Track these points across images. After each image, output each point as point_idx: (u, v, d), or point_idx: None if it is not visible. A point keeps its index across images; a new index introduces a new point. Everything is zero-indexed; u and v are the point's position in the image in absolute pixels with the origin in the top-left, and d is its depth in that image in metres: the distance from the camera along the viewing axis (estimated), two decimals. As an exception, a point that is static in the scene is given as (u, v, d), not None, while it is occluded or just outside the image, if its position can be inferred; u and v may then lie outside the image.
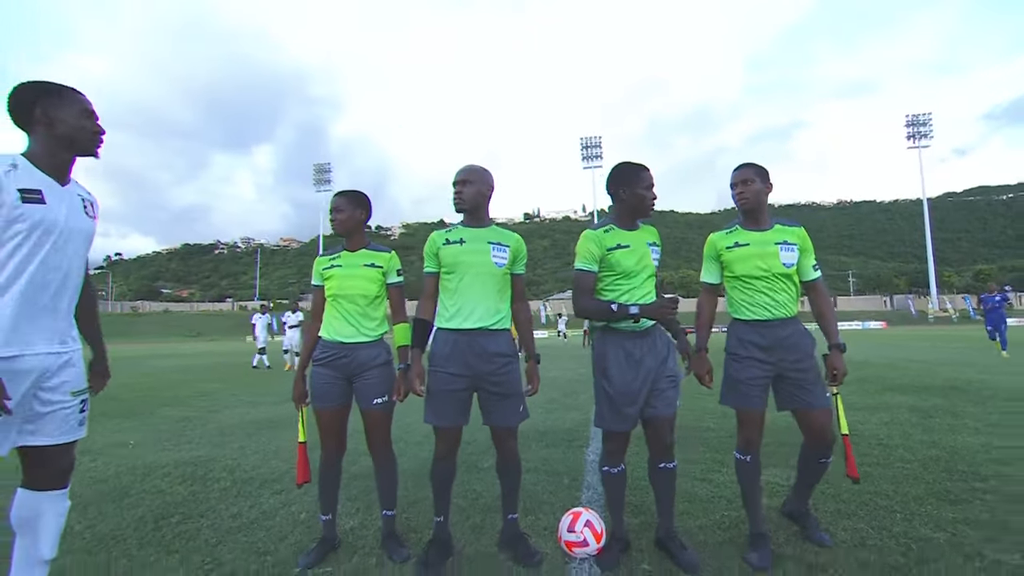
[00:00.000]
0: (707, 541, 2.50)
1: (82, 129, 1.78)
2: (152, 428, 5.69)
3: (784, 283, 2.42)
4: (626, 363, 2.32)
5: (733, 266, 2.47)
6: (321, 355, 2.45)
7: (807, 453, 2.49)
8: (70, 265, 1.77)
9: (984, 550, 2.31)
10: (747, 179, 2.46)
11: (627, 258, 2.34)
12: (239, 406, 7.29)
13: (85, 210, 1.84)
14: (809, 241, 2.50)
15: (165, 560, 2.43)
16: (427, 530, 2.61)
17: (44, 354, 1.71)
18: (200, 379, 11.17)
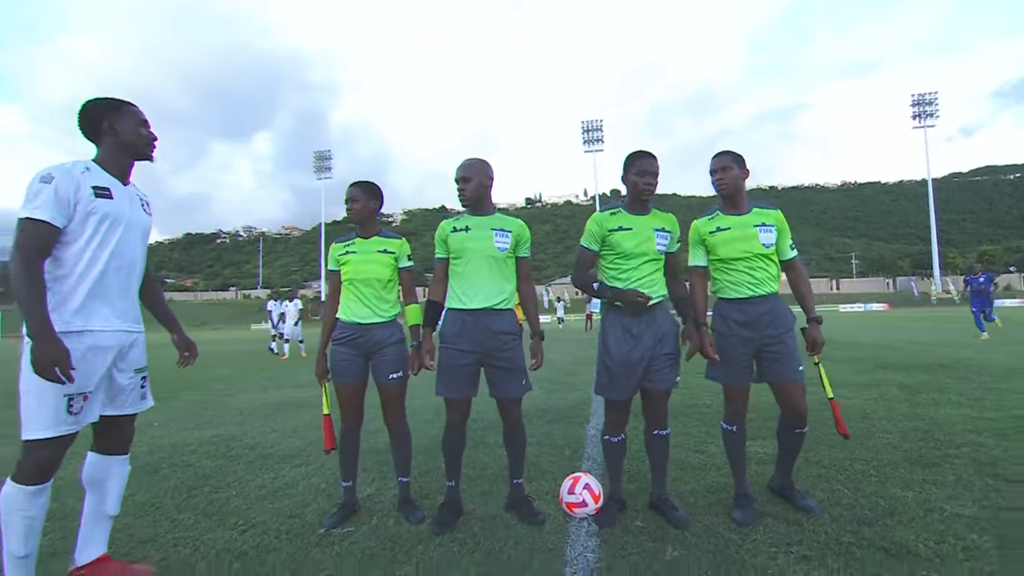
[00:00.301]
0: (697, 503, 2.73)
1: (140, 136, 2.04)
2: (173, 410, 5.96)
3: (763, 262, 2.58)
4: (624, 338, 2.52)
5: (717, 249, 2.63)
6: (340, 335, 2.67)
7: (784, 425, 2.68)
8: (135, 253, 2.02)
9: (945, 505, 2.54)
10: (725, 166, 2.61)
11: (626, 240, 2.52)
12: (253, 390, 7.59)
13: (143, 207, 2.09)
14: (786, 223, 2.66)
15: (203, 522, 2.68)
16: (439, 496, 2.84)
17: (122, 331, 1.96)
18: (212, 365, 11.48)
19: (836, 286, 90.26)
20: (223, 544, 2.40)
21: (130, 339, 2.02)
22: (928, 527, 2.33)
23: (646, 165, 2.55)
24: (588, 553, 2.22)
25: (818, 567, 2.04)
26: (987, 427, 3.99)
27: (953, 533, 2.26)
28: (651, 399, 2.61)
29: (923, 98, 69.07)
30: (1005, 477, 2.90)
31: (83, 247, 1.86)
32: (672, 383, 2.60)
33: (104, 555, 2.08)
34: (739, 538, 2.30)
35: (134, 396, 2.06)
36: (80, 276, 1.85)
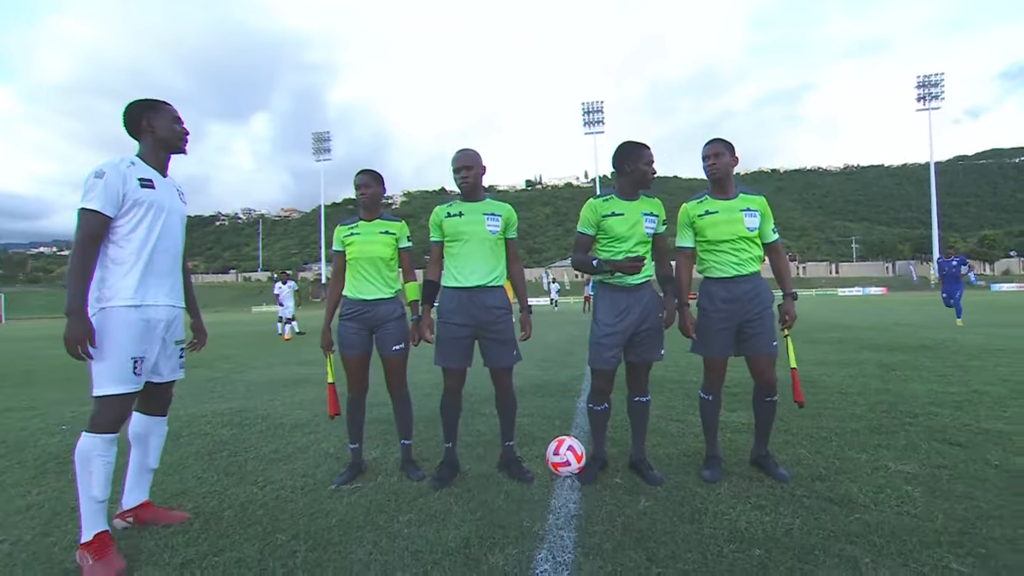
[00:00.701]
0: (672, 464, 3.02)
1: (174, 132, 2.28)
2: (185, 386, 6.25)
3: (748, 245, 2.79)
4: (612, 312, 2.78)
5: (705, 231, 2.80)
6: (347, 311, 2.93)
7: (757, 395, 2.93)
8: (177, 237, 2.29)
9: (891, 464, 2.85)
10: (718, 152, 2.79)
11: (619, 225, 2.75)
12: (260, 368, 7.90)
13: (180, 196, 2.35)
14: (769, 208, 2.86)
15: (225, 480, 2.98)
16: (437, 459, 3.12)
17: (169, 306, 2.24)
18: (218, 346, 11.79)
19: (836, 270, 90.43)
20: (246, 497, 2.70)
21: (175, 313, 2.30)
22: (872, 482, 2.62)
23: (651, 156, 2.78)
24: (570, 504, 2.51)
25: (770, 513, 2.33)
26: (946, 400, 4.29)
27: (891, 486, 2.56)
28: (635, 370, 2.88)
29: (928, 79, 68.27)
30: (949, 441, 3.21)
31: (134, 232, 2.11)
32: (656, 357, 2.85)
33: (146, 501, 2.38)
34: (705, 492, 2.59)
35: (174, 364, 2.35)
36: (136, 257, 2.11)
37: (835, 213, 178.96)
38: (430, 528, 2.29)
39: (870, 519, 2.23)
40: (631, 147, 2.78)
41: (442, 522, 2.35)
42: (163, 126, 2.24)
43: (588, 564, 1.96)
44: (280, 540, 2.21)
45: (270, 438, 3.85)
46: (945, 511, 2.28)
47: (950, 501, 2.38)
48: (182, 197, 2.36)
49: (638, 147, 2.78)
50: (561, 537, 2.18)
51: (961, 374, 5.43)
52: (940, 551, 1.97)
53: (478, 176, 2.87)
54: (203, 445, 3.69)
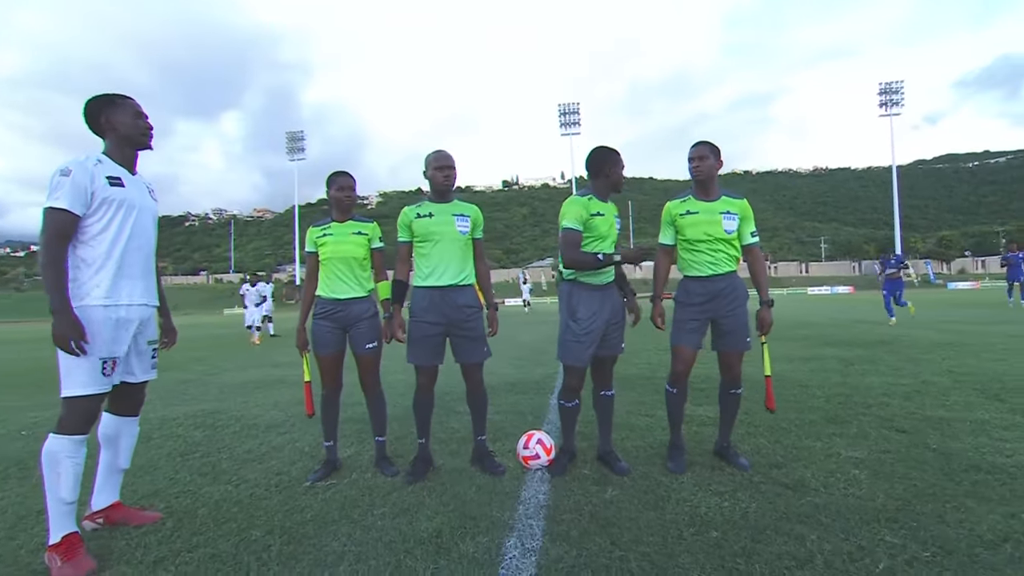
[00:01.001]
0: (639, 456, 3.13)
1: (136, 127, 2.25)
2: (156, 388, 6.15)
3: (724, 246, 2.90)
4: (591, 309, 2.86)
5: (685, 231, 2.91)
6: (321, 310, 2.96)
7: (722, 388, 3.05)
8: (149, 236, 2.28)
9: (842, 451, 3.02)
10: (703, 155, 2.88)
11: (602, 224, 2.84)
12: (233, 370, 7.80)
13: (151, 194, 2.33)
14: (750, 211, 2.97)
15: (199, 480, 2.98)
16: (411, 455, 3.17)
17: (142, 306, 2.24)
18: (190, 348, 11.56)
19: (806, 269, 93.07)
20: (220, 496, 2.71)
21: (149, 313, 2.29)
22: (824, 467, 2.79)
23: (623, 162, 2.88)
24: (540, 495, 2.60)
25: (728, 499, 2.46)
26: (897, 391, 4.54)
27: (841, 471, 2.73)
28: (601, 364, 2.99)
29: (890, 86, 70.68)
30: (896, 428, 3.42)
31: (105, 231, 2.10)
32: (620, 350, 2.98)
33: (117, 502, 2.38)
34: (669, 481, 2.71)
35: (147, 365, 2.35)
36: (106, 257, 2.10)
37: (805, 214, 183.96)
38: (403, 520, 2.35)
39: (819, 501, 2.38)
40: (610, 152, 2.88)
41: (415, 514, 2.41)
42: (124, 122, 2.21)
43: (555, 549, 2.05)
44: (255, 535, 2.24)
45: (244, 438, 3.84)
46: (886, 491, 2.46)
47: (891, 482, 2.56)
48: (153, 195, 2.35)
49: (613, 154, 2.89)
50: (530, 526, 2.26)
51: (913, 367, 5.72)
52: (878, 527, 2.13)
53: (456, 177, 2.96)
54: (175, 446, 3.67)
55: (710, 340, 2.99)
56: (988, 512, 2.23)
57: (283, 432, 3.99)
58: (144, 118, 2.28)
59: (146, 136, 2.28)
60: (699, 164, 2.90)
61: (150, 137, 2.30)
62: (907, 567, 1.85)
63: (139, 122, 2.25)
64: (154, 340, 2.38)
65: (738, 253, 2.96)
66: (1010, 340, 7.76)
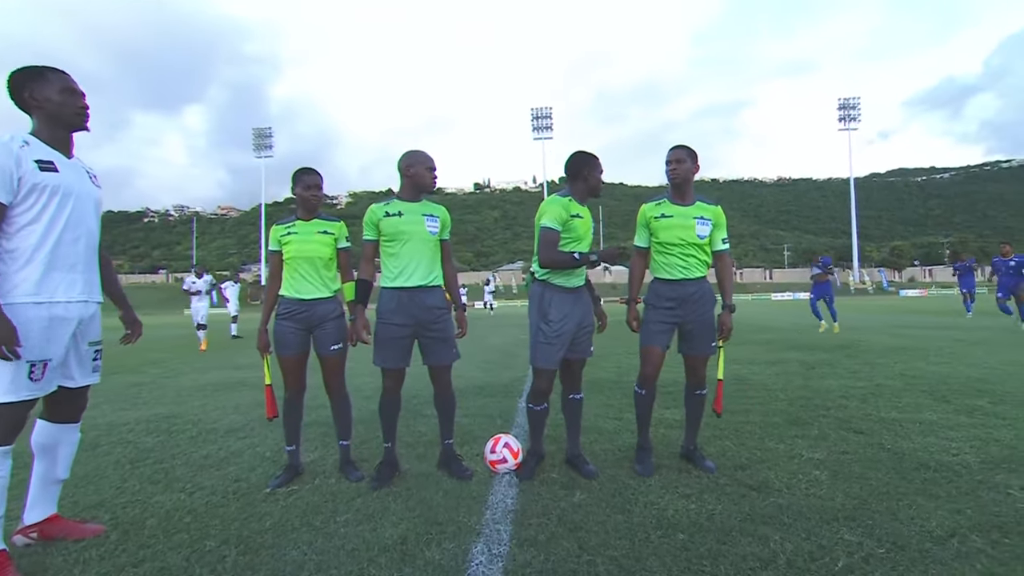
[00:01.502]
0: (607, 459, 3.13)
1: (65, 105, 2.01)
2: (105, 392, 5.85)
3: (695, 251, 2.91)
4: (561, 312, 2.84)
5: (658, 233, 2.91)
6: (284, 310, 2.87)
7: (688, 390, 3.08)
8: (90, 225, 2.08)
9: (804, 452, 3.10)
10: (680, 159, 2.88)
11: (581, 226, 2.84)
12: (192, 372, 7.50)
13: (92, 180, 2.13)
14: (723, 218, 3.00)
15: (149, 488, 2.83)
16: (377, 459, 3.10)
17: (82, 303, 2.05)
18: (145, 349, 11.05)
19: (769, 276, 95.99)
20: (172, 505, 2.58)
21: (90, 311, 2.11)
22: (787, 469, 2.85)
23: (602, 167, 2.89)
24: (508, 499, 2.57)
25: (695, 501, 2.48)
26: (854, 393, 4.71)
27: (803, 472, 2.79)
28: (571, 368, 2.98)
29: (848, 102, 73.75)
30: (853, 429, 3.53)
31: (36, 221, 1.91)
32: (589, 353, 2.98)
33: (54, 514, 2.22)
34: (636, 483, 2.72)
35: (87, 368, 2.16)
36: (36, 249, 1.90)
37: (769, 222, 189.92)
38: (367, 527, 2.29)
39: (783, 502, 2.42)
40: (590, 157, 2.88)
41: (379, 520, 2.35)
42: (50, 99, 1.97)
43: (522, 555, 2.02)
44: (209, 546, 2.14)
45: (201, 444, 3.68)
46: (844, 491, 2.52)
47: (849, 482, 2.63)
48: (94, 180, 2.15)
49: (595, 158, 2.89)
50: (497, 531, 2.23)
51: (869, 370, 5.95)
52: (836, 525, 2.18)
53: None
54: (124, 453, 3.48)
55: (676, 343, 3.02)
56: (936, 508, 2.32)
57: (243, 436, 3.84)
58: (78, 95, 2.04)
59: (81, 116, 2.05)
60: (676, 167, 2.91)
61: (86, 117, 2.06)
62: (864, 564, 1.89)
63: (70, 99, 2.02)
64: (97, 341, 2.20)
65: (708, 259, 2.99)
66: (956, 344, 8.18)
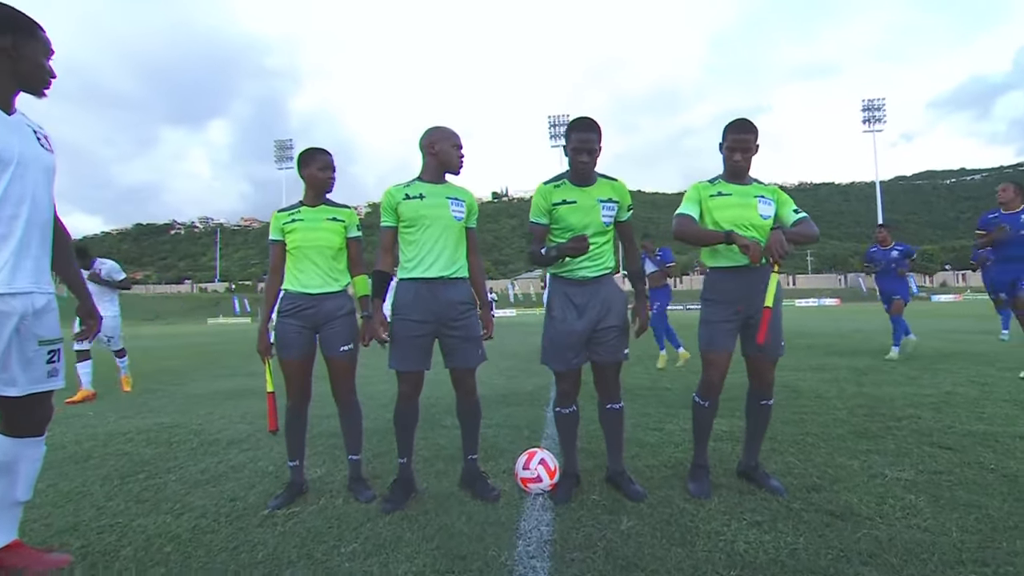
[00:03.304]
0: (654, 477, 2.73)
1: (41, 69, 1.74)
2: (111, 400, 5.63)
3: (759, 233, 2.47)
4: (566, 307, 2.48)
5: (714, 213, 2.50)
6: (288, 307, 2.55)
7: (750, 396, 2.64)
8: (35, 199, 1.73)
9: (886, 471, 2.64)
10: (748, 145, 2.46)
11: (571, 214, 2.45)
12: (203, 379, 7.28)
13: (40, 142, 1.78)
14: (784, 195, 2.58)
15: (134, 508, 2.50)
16: (391, 476, 2.73)
17: (25, 293, 1.70)
18: (161, 358, 10.94)
19: (793, 282, 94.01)
20: (154, 529, 2.24)
21: (40, 302, 1.75)
22: (870, 491, 2.40)
23: (580, 139, 2.38)
24: (542, 526, 2.18)
25: (768, 531, 2.05)
26: (924, 402, 4.19)
27: (892, 495, 2.33)
28: (600, 372, 2.58)
29: (872, 103, 72.10)
30: (939, 444, 3.04)
31: None
32: (620, 356, 2.55)
33: (15, 541, 1.88)
34: (693, 508, 2.31)
35: (38, 373, 1.78)
36: None
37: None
38: (376, 560, 1.92)
39: (879, 534, 1.98)
40: (573, 121, 2.45)
41: (391, 552, 1.98)
42: (31, 58, 1.69)
43: (566, 602, 1.62)
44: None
45: (201, 456, 3.37)
46: (957, 523, 2.05)
47: (958, 511, 2.16)
48: (44, 143, 1.79)
49: (577, 120, 2.45)
50: (533, 567, 1.85)
51: (930, 377, 5.39)
52: (964, 571, 1.72)
53: None
54: (116, 467, 3.17)
55: (740, 344, 2.58)
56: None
57: (246, 448, 3.51)
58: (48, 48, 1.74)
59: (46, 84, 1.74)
60: (743, 156, 2.47)
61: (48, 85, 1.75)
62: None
63: (46, 64, 1.74)
64: (51, 340, 1.82)
65: None
66: (1017, 350, 7.49)
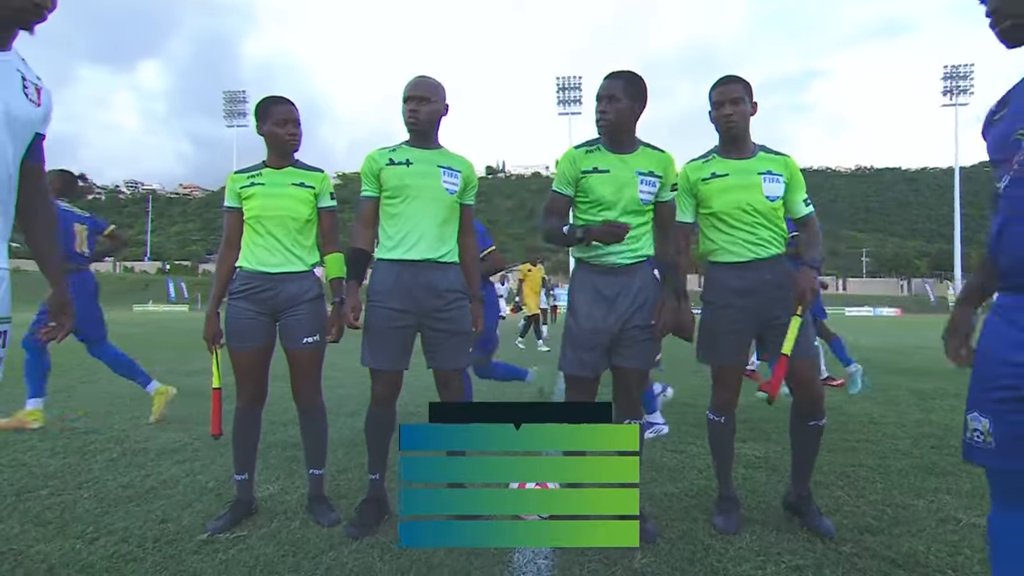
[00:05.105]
0: (673, 507, 2.77)
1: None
2: (7, 400, 5.58)
3: (766, 219, 2.53)
4: (593, 301, 2.48)
5: (709, 200, 2.57)
6: (241, 287, 2.56)
7: (794, 415, 2.63)
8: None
9: (960, 515, 2.67)
10: (736, 98, 2.50)
11: (602, 185, 2.44)
12: (128, 376, 7.23)
13: (25, 90, 1.66)
14: (799, 173, 2.62)
15: (34, 531, 2.47)
16: (358, 495, 2.78)
17: None
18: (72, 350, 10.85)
19: (843, 286, 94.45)
20: (59, 557, 2.22)
21: None
22: (940, 537, 2.43)
23: (601, 88, 2.45)
24: (539, 560, 2.22)
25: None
26: (1006, 433, 4.23)
27: (969, 544, 2.36)
28: (623, 380, 2.58)
29: (956, 71, 71.42)
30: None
31: None
32: (650, 362, 2.57)
33: None
34: (721, 545, 2.34)
35: None
36: None
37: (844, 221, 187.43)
38: (340, 597, 1.93)
39: (952, 590, 2.01)
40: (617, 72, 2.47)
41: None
42: None
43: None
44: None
45: (123, 468, 3.37)
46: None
47: (1047, 563, 2.19)
48: (28, 92, 1.66)
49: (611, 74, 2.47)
50: (529, 610, 1.86)
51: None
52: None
53: (434, 114, 2.59)
54: (11, 480, 3.15)
55: (757, 347, 2.64)
56: None
57: (181, 460, 3.52)
58: None
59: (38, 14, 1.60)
60: (732, 111, 2.50)
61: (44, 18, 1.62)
62: None
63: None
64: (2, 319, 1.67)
65: (783, 230, 2.60)
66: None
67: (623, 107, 2.41)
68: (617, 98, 2.41)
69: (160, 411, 4.64)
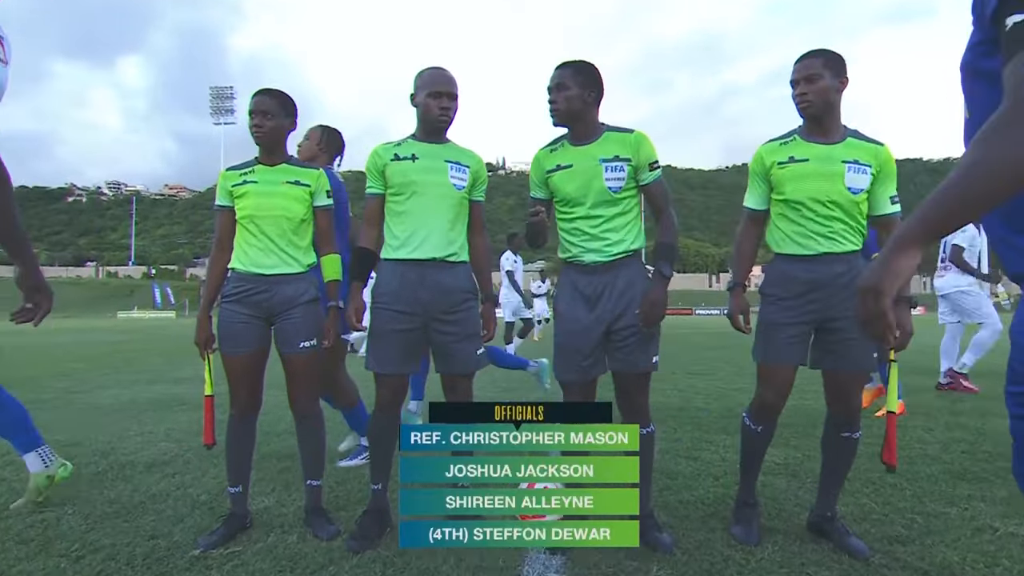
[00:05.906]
0: (689, 516, 2.77)
1: None
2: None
3: (845, 212, 2.39)
4: (575, 302, 2.50)
5: (784, 186, 2.45)
6: (234, 290, 2.58)
7: (829, 425, 2.56)
8: None
9: (997, 524, 2.65)
10: (812, 75, 2.34)
11: (566, 182, 2.48)
12: (114, 387, 7.36)
13: None
14: (891, 164, 2.43)
15: (16, 549, 2.46)
16: (359, 507, 2.79)
17: None
18: (59, 359, 10.96)
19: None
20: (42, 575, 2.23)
21: None
22: (977, 547, 2.41)
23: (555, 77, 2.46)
24: (550, 573, 2.22)
25: (840, 591, 2.07)
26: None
27: (1007, 555, 2.35)
28: (621, 384, 2.59)
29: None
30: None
31: None
32: (647, 365, 2.52)
33: None
34: (741, 556, 2.33)
35: None
36: None
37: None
38: (340, 616, 1.93)
39: (990, 605, 2.00)
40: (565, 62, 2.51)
41: (360, 605, 1.99)
42: None
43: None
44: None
45: (110, 482, 3.37)
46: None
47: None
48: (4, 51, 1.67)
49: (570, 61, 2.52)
50: (540, 629, 1.86)
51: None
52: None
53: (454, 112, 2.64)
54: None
55: (811, 354, 2.51)
56: None
57: (171, 473, 3.52)
58: None
59: None
60: (806, 90, 2.37)
61: None
62: None
63: None
64: None
65: (863, 225, 2.46)
66: None
67: (572, 95, 2.42)
68: (566, 86, 2.43)
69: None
